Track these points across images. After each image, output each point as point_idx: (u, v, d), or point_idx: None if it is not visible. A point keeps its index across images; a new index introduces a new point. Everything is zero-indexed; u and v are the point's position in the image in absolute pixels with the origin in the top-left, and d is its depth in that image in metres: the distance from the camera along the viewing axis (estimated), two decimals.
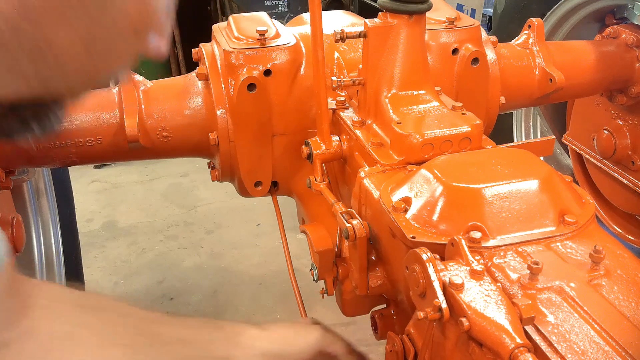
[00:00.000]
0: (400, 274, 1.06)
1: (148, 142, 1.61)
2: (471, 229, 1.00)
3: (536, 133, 2.78)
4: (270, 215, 2.46)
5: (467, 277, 0.88)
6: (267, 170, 1.71)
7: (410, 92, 1.42)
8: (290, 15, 4.80)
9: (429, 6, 1.39)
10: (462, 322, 0.83)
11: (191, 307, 2.94)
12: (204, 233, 3.54)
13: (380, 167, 1.28)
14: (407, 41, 1.39)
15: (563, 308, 0.88)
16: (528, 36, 1.95)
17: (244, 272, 3.20)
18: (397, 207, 1.09)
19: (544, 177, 1.07)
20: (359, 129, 1.44)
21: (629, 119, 2.19)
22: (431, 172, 1.10)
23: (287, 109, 1.63)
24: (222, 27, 1.72)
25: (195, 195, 3.98)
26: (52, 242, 2.14)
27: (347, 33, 1.39)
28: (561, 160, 2.82)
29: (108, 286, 3.09)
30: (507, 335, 0.80)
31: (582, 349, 0.81)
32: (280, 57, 1.59)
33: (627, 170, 2.24)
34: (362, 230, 1.19)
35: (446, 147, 1.27)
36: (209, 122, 1.63)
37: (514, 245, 0.99)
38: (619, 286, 0.91)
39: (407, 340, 1.06)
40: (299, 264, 2.88)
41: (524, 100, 1.96)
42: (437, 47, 1.68)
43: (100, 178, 4.10)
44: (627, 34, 2.05)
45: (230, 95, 1.58)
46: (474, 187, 1.04)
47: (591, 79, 2.02)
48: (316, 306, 2.79)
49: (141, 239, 3.49)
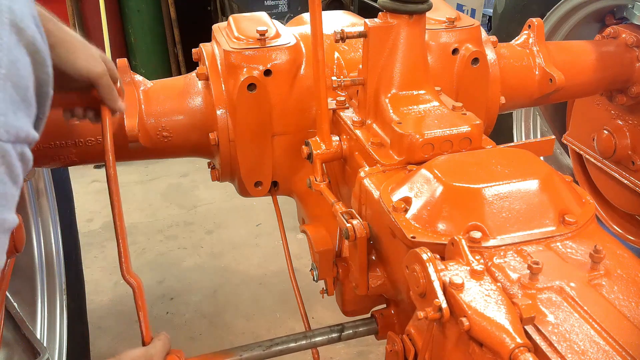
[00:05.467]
0: (401, 274, 1.06)
1: (148, 142, 1.61)
2: (471, 229, 1.00)
3: (536, 133, 2.78)
4: (270, 215, 2.46)
5: (467, 277, 0.88)
6: (267, 170, 1.71)
7: (410, 92, 1.42)
8: (290, 15, 4.80)
9: (429, 6, 1.39)
10: (462, 322, 0.83)
11: (191, 307, 2.94)
12: (204, 233, 3.54)
13: (380, 167, 1.28)
14: (407, 41, 1.39)
15: (563, 308, 0.88)
16: (528, 36, 1.95)
17: (244, 272, 3.20)
18: (397, 207, 1.09)
19: (544, 177, 1.07)
20: (359, 129, 1.44)
21: (629, 119, 2.19)
22: (431, 172, 1.10)
23: (287, 109, 1.63)
24: (222, 27, 1.72)
25: (195, 195, 3.98)
26: (52, 242, 2.13)
27: (347, 33, 1.38)
28: (561, 160, 2.82)
29: (108, 286, 3.09)
30: (507, 335, 0.80)
31: (582, 349, 0.81)
32: (281, 57, 1.59)
33: (627, 170, 2.24)
34: (362, 230, 1.19)
35: (446, 147, 1.27)
36: (209, 122, 1.63)
37: (514, 245, 0.99)
38: (619, 286, 0.91)
39: (407, 340, 1.06)
40: (299, 264, 2.88)
41: (524, 100, 1.96)
42: (437, 47, 1.68)
43: (100, 178, 4.09)
44: (627, 34, 2.05)
45: (230, 95, 1.58)
46: (474, 187, 1.04)
47: (591, 79, 2.02)
48: (316, 306, 2.79)
49: (141, 239, 3.49)
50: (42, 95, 0.64)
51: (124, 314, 2.89)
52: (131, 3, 4.84)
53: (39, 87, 0.62)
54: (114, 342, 2.72)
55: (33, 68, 0.59)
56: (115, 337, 2.75)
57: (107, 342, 2.72)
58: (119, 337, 2.75)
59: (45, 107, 0.66)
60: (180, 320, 2.87)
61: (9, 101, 0.53)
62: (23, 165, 0.59)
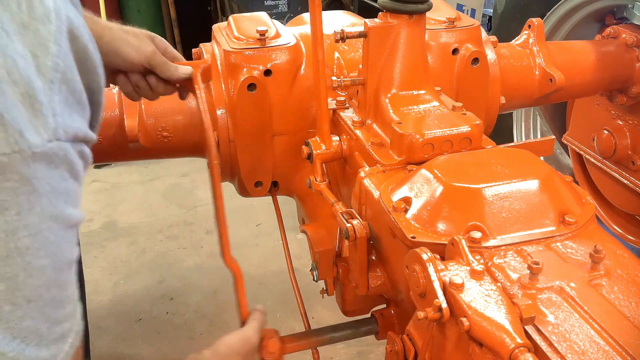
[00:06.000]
0: (401, 274, 1.06)
1: (148, 142, 1.61)
2: (471, 229, 1.00)
3: (536, 133, 2.78)
4: (270, 215, 2.46)
5: (467, 277, 0.88)
6: (267, 170, 1.71)
7: (410, 92, 1.42)
8: (290, 15, 4.80)
9: (429, 6, 1.39)
10: (463, 322, 0.83)
11: (191, 307, 2.94)
12: (204, 233, 3.54)
13: (380, 167, 1.28)
14: (407, 41, 1.39)
15: (563, 308, 0.88)
16: (528, 36, 1.95)
17: (244, 272, 3.16)
18: (397, 207, 1.09)
19: (544, 177, 1.07)
20: (359, 129, 1.44)
21: (629, 119, 2.19)
22: (431, 172, 1.10)
23: (287, 109, 1.63)
24: (222, 27, 1.72)
25: (195, 195, 3.97)
26: None
27: (347, 33, 1.38)
28: (561, 160, 2.82)
29: (108, 286, 3.09)
30: (507, 335, 0.80)
31: (582, 349, 0.81)
32: (280, 57, 1.59)
33: (627, 170, 2.24)
34: (362, 230, 1.19)
35: (446, 147, 1.27)
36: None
37: (514, 245, 0.99)
38: (619, 286, 0.91)
39: (407, 340, 1.06)
40: (299, 264, 2.88)
41: (524, 100, 1.96)
42: (437, 47, 1.68)
43: (100, 178, 4.09)
44: (627, 34, 2.05)
45: (230, 95, 1.58)
46: (474, 187, 1.04)
47: (591, 79, 2.02)
48: (316, 306, 2.79)
49: (141, 239, 3.49)
50: (95, 104, 0.66)
51: (124, 314, 2.89)
52: (131, 3, 4.84)
53: (91, 94, 0.64)
54: (114, 342, 2.72)
55: (85, 75, 0.61)
56: (115, 337, 2.75)
57: (107, 342, 2.72)
58: (119, 337, 2.75)
59: (98, 115, 0.68)
60: (180, 320, 2.87)
61: (65, 103, 0.55)
62: (83, 162, 0.61)
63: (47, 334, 0.59)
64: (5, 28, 0.49)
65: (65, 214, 0.59)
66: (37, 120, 0.52)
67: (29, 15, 0.50)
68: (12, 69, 0.49)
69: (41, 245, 0.56)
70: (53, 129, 0.54)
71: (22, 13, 0.49)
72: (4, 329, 0.55)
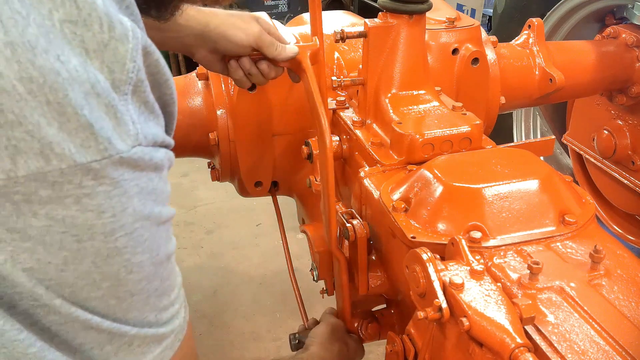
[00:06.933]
0: (401, 274, 1.06)
1: None
2: (471, 229, 1.00)
3: (536, 133, 2.78)
4: (270, 215, 2.46)
5: (467, 277, 0.88)
6: (267, 170, 1.71)
7: (410, 92, 1.42)
8: (290, 15, 4.80)
9: (429, 6, 1.39)
10: (463, 322, 0.83)
11: (191, 307, 2.92)
12: (204, 233, 3.54)
13: (380, 167, 1.28)
14: (407, 41, 1.39)
15: (563, 308, 0.88)
16: (528, 36, 1.95)
17: (244, 272, 3.20)
18: (397, 207, 1.09)
19: (544, 177, 1.07)
20: (359, 129, 1.44)
21: (629, 119, 2.19)
22: (431, 172, 1.10)
23: (287, 108, 1.63)
24: None
25: (195, 195, 3.97)
26: None
27: (347, 33, 1.38)
28: (561, 160, 2.82)
29: None
30: (507, 335, 0.80)
31: (582, 349, 0.81)
32: None
33: (627, 170, 2.24)
34: (362, 230, 1.19)
35: (446, 147, 1.27)
36: (209, 122, 1.63)
37: (514, 245, 0.99)
38: (619, 286, 0.91)
39: (407, 340, 1.06)
40: (299, 264, 2.88)
41: (524, 100, 1.96)
42: (437, 47, 1.68)
43: None
44: (627, 34, 2.05)
45: (230, 95, 1.58)
46: (474, 187, 1.04)
47: (591, 79, 2.02)
48: (316, 306, 2.78)
49: None
50: (168, 114, 0.70)
51: None
52: None
53: (164, 106, 0.69)
54: None
55: (157, 88, 0.66)
56: None
57: None
58: None
59: (172, 124, 0.72)
60: None
61: (139, 113, 0.60)
62: (167, 163, 0.65)
63: (155, 321, 0.66)
64: (85, 47, 0.54)
65: (155, 212, 0.63)
66: (120, 129, 0.56)
67: (109, 34, 0.55)
68: (95, 83, 0.54)
69: (137, 243, 0.61)
70: (134, 135, 0.58)
71: (103, 33, 0.54)
72: (112, 320, 0.61)
